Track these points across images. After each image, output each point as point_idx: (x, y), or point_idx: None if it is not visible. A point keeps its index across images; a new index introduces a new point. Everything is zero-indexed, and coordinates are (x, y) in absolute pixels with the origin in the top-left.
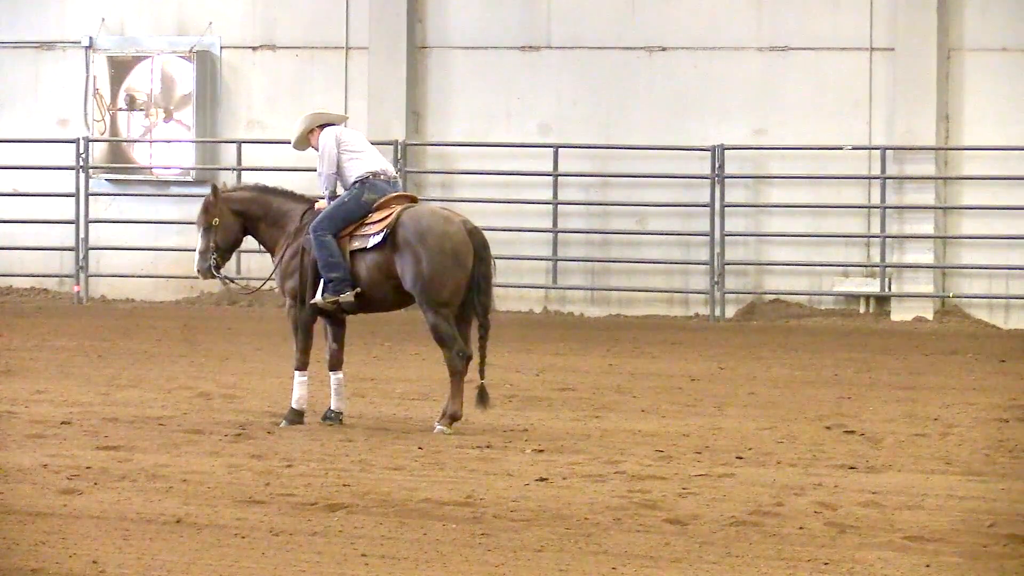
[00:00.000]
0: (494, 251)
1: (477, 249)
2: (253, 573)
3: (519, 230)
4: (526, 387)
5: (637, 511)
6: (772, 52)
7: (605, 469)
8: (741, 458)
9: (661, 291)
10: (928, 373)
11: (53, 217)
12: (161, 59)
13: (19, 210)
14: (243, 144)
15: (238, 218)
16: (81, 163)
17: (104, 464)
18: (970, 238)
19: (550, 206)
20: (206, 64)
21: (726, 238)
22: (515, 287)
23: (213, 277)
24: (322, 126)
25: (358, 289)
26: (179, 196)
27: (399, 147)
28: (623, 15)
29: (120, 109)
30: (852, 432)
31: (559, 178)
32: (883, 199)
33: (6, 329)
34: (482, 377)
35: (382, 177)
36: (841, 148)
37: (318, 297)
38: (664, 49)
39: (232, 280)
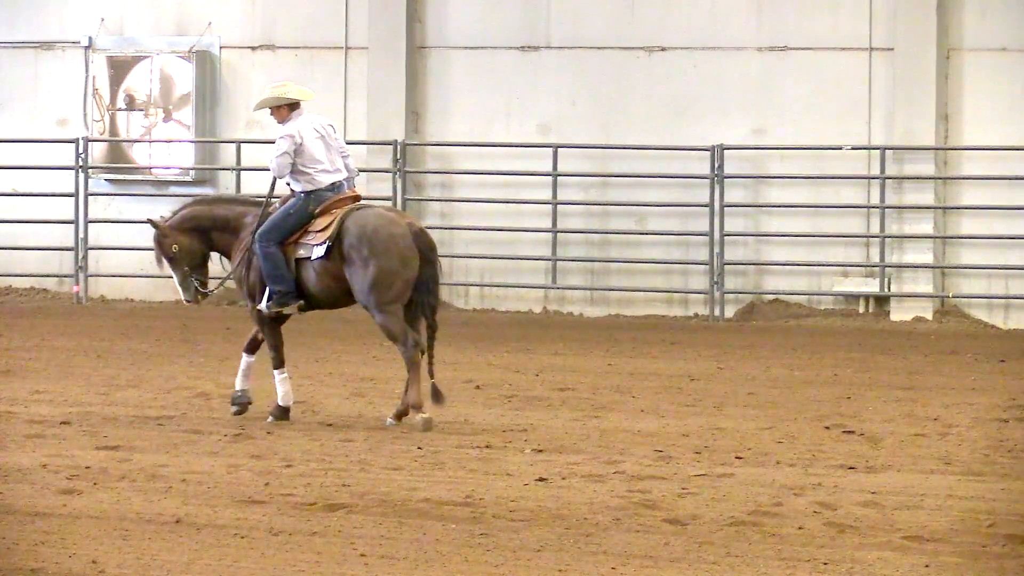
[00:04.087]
0: (495, 250)
1: (423, 251)
2: (252, 573)
3: (518, 230)
4: (525, 387)
5: (636, 511)
6: (771, 52)
7: (604, 469)
8: (740, 458)
9: (660, 291)
10: (927, 373)
11: (52, 217)
12: (160, 59)
13: (18, 210)
14: (242, 144)
15: (192, 235)
16: (80, 163)
17: (103, 464)
18: (969, 238)
19: (549, 206)
20: (205, 64)
21: (725, 238)
22: (514, 287)
23: (204, 296)
24: (291, 105)
25: (301, 302)
26: (178, 196)
27: (398, 147)
28: (622, 15)
29: (119, 109)
30: (851, 432)
31: (558, 178)
32: (882, 199)
33: (6, 329)
34: (432, 376)
35: (329, 188)
36: (840, 148)
37: (263, 305)
38: (663, 49)
39: (215, 289)
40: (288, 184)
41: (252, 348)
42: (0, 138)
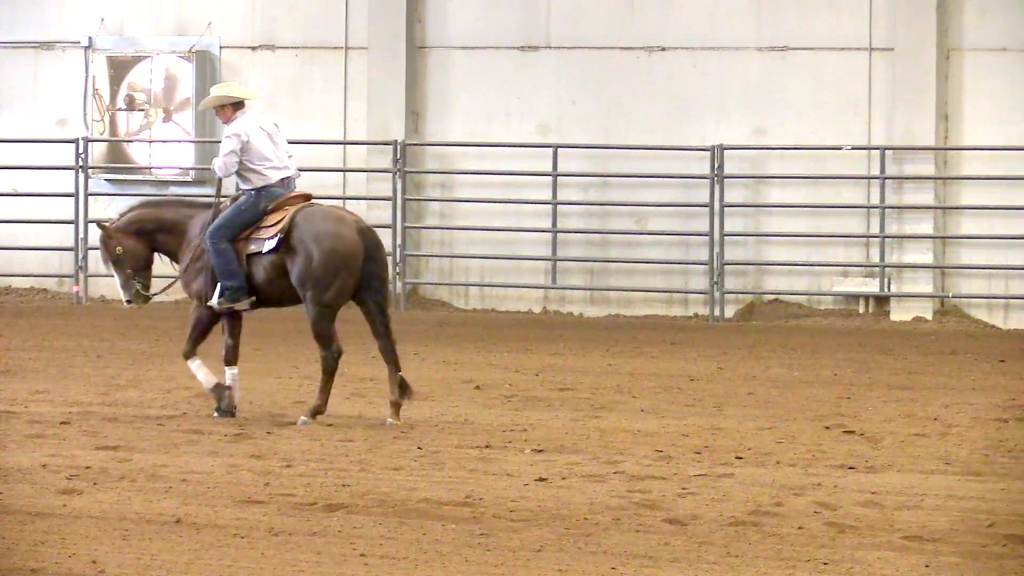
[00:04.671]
0: (494, 251)
1: (369, 249)
2: (252, 573)
3: (518, 230)
4: (525, 387)
5: (636, 511)
6: (771, 52)
7: (604, 469)
8: (740, 458)
9: (660, 291)
10: (927, 373)
11: (52, 217)
12: (160, 59)
13: (18, 210)
14: None
15: (138, 239)
16: (80, 163)
17: (103, 464)
18: (969, 238)
19: (549, 206)
20: (205, 64)
21: (725, 238)
22: (514, 287)
23: (146, 300)
24: (236, 104)
25: (253, 298)
26: (179, 196)
27: (398, 147)
28: (622, 15)
29: (119, 109)
30: (851, 432)
31: (558, 178)
32: (882, 199)
33: (6, 329)
34: (398, 370)
35: (279, 184)
36: (840, 148)
37: (214, 301)
38: (663, 49)
39: (160, 292)
40: (237, 184)
41: (231, 359)
42: (0, 138)
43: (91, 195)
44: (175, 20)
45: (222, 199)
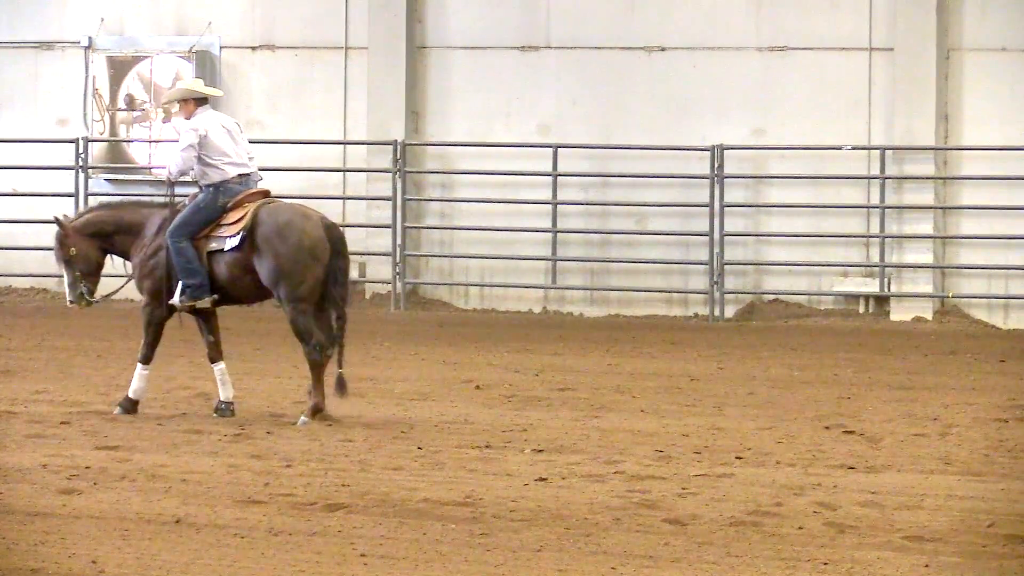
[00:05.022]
0: (494, 250)
1: (334, 244)
2: (252, 573)
3: (518, 230)
4: (525, 387)
5: (636, 511)
6: (771, 52)
7: (604, 469)
8: (740, 458)
9: (660, 291)
10: (927, 373)
11: (52, 217)
12: (160, 59)
13: (18, 210)
14: None
15: (93, 240)
16: (80, 163)
17: (103, 464)
18: (969, 238)
19: (549, 206)
20: (205, 64)
21: (725, 238)
22: (514, 287)
23: (89, 304)
24: (198, 101)
25: (215, 296)
26: (178, 196)
27: (398, 147)
28: (622, 15)
29: (119, 109)
30: (851, 432)
31: (558, 178)
32: (882, 199)
33: (6, 329)
34: (340, 367)
35: (237, 180)
36: (840, 148)
37: (176, 299)
38: (663, 49)
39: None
40: (196, 181)
41: (215, 356)
42: (0, 138)
43: (91, 195)
44: (175, 20)
45: (180, 197)
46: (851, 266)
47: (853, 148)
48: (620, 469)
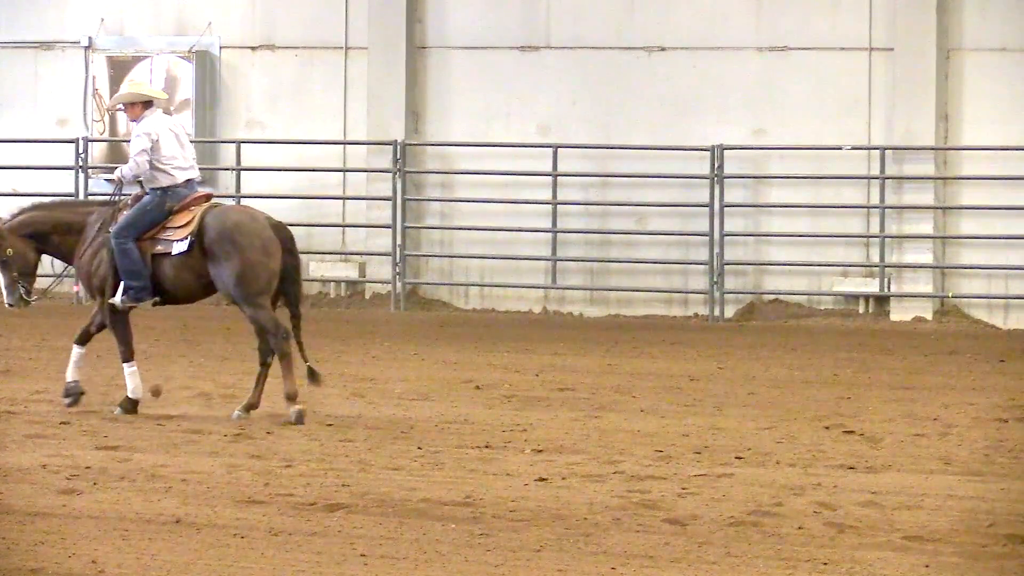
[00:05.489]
0: (494, 250)
1: (284, 242)
2: (252, 573)
3: (518, 230)
4: (525, 387)
5: (636, 511)
6: (771, 52)
7: (604, 469)
8: (740, 458)
9: (660, 291)
10: (927, 373)
11: None
12: (160, 59)
13: None
14: (242, 144)
15: (29, 241)
16: (80, 163)
17: (103, 464)
18: (969, 238)
19: (549, 206)
20: (205, 64)
21: (725, 238)
22: (514, 287)
23: (27, 304)
24: (145, 104)
25: (157, 299)
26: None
27: (398, 147)
28: (622, 15)
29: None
30: (851, 432)
31: (558, 178)
32: (882, 199)
33: (6, 329)
34: (306, 360)
35: (184, 184)
36: (840, 148)
37: (117, 299)
38: (663, 49)
39: (44, 295)
40: (140, 182)
41: (83, 339)
42: (0, 138)
43: (91, 195)
44: (175, 20)
45: (122, 196)
46: (851, 266)
47: (853, 148)
48: (620, 469)
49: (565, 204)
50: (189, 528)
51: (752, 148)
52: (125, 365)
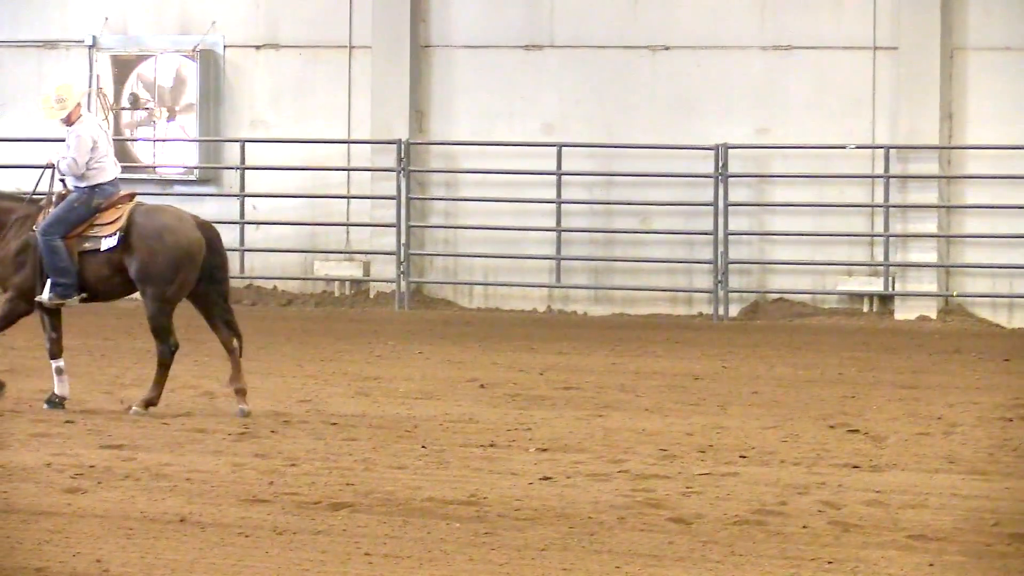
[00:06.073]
0: (499, 249)
1: (210, 240)
2: (257, 572)
3: (523, 229)
4: (530, 386)
5: (641, 510)
6: (775, 51)
7: (609, 468)
8: (745, 457)
9: (665, 290)
10: (932, 372)
11: None
12: (164, 58)
13: None
14: (246, 143)
15: None
16: None
17: (108, 463)
18: (973, 237)
19: (553, 205)
20: (209, 63)
21: (730, 237)
22: (519, 286)
23: None
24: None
25: (84, 294)
26: (183, 195)
27: (402, 146)
28: (626, 14)
29: (123, 108)
30: (856, 431)
31: (562, 177)
32: (886, 198)
33: (10, 329)
34: (240, 355)
35: (111, 182)
36: (844, 147)
37: (44, 297)
38: (667, 48)
39: None
40: (63, 180)
41: (57, 352)
42: (4, 137)
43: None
44: (179, 19)
45: (40, 195)
46: (855, 265)
47: (857, 147)
48: (624, 468)
49: (569, 203)
50: (194, 527)
51: (756, 147)
52: (52, 362)
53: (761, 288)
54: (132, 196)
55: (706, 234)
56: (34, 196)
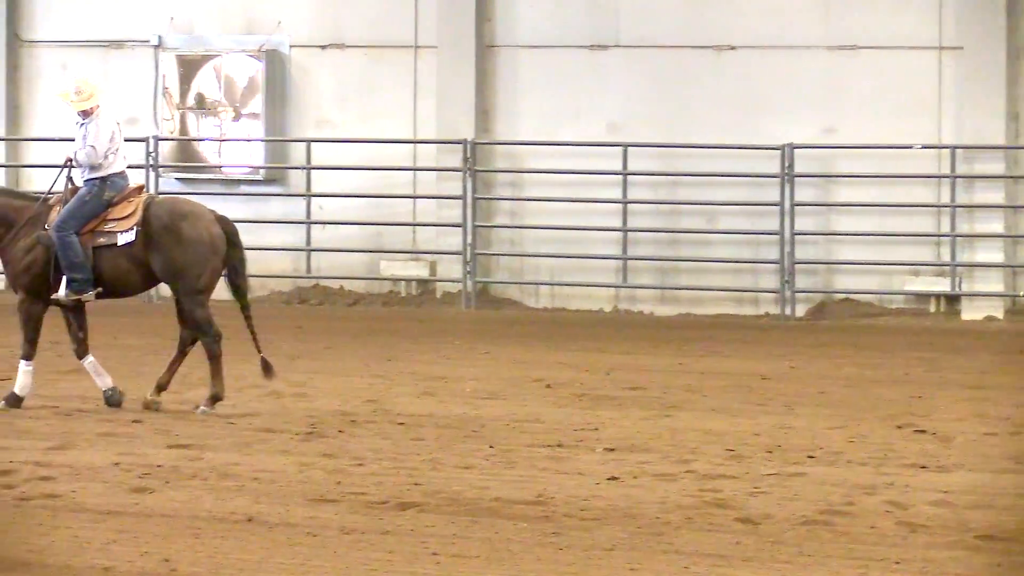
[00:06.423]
0: (564, 249)
1: (230, 236)
2: (324, 572)
3: (588, 229)
4: (596, 386)
5: (708, 510)
6: (840, 51)
7: (676, 468)
8: (812, 457)
9: (731, 290)
10: (998, 372)
11: None
12: (230, 58)
13: None
14: (312, 143)
15: None
16: (151, 162)
17: (175, 462)
18: None
19: (619, 205)
20: (275, 63)
21: (796, 237)
22: (584, 286)
23: None
24: None
25: (100, 289)
26: (248, 195)
27: (468, 146)
28: (691, 14)
29: (189, 108)
30: (923, 431)
31: (628, 177)
32: (952, 198)
33: None
34: (259, 351)
35: (121, 175)
36: (911, 147)
37: (61, 294)
38: (732, 48)
39: None
40: (71, 177)
41: (83, 352)
42: (70, 137)
43: (162, 194)
44: (244, 19)
45: (52, 194)
46: (921, 265)
47: (924, 147)
48: (691, 468)
49: (635, 203)
50: (261, 526)
51: (822, 147)
52: (23, 362)
53: (827, 288)
54: (141, 188)
55: (773, 234)
56: (47, 195)
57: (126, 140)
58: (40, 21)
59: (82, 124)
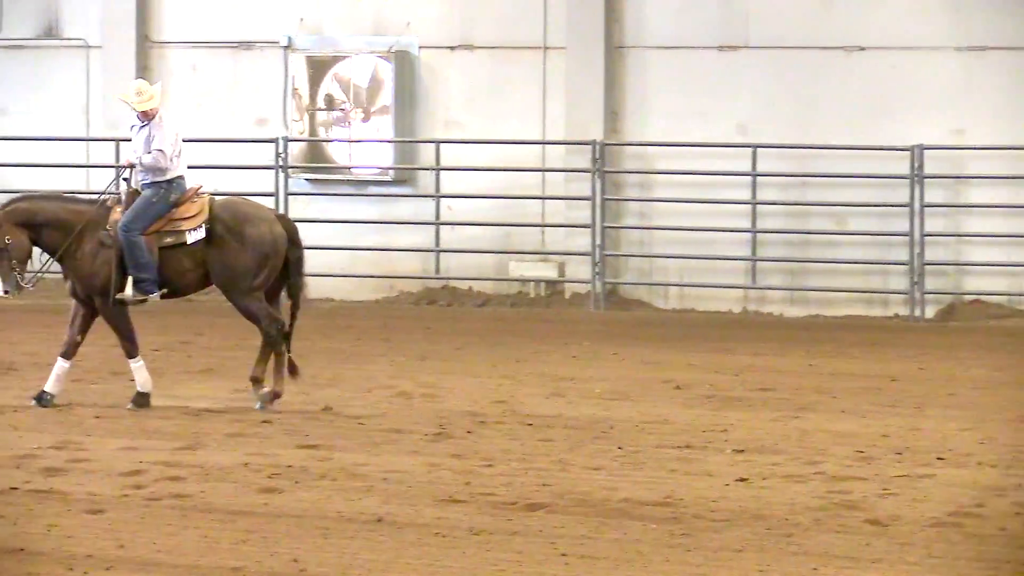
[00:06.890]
0: (693, 250)
1: (291, 235)
2: (453, 572)
3: (717, 230)
4: (725, 387)
5: (837, 512)
6: (969, 52)
7: (805, 470)
8: (941, 459)
9: (860, 291)
10: None
11: None
12: (359, 59)
13: None
14: (441, 144)
15: (24, 231)
16: (280, 163)
17: (304, 463)
18: None
19: (748, 206)
20: (404, 64)
21: (925, 238)
22: (713, 287)
23: (21, 290)
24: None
25: (165, 290)
26: (378, 196)
27: (597, 147)
28: (820, 15)
29: (318, 109)
30: None
31: (756, 178)
32: None
33: (208, 329)
34: (288, 351)
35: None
36: None
37: (127, 293)
38: (862, 49)
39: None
40: (127, 179)
41: (71, 353)
42: (199, 138)
43: (291, 194)
44: (373, 20)
45: (109, 195)
46: None
47: None
48: (821, 470)
49: (764, 204)
50: (390, 527)
51: (952, 148)
52: (131, 361)
53: (957, 290)
54: (199, 190)
55: (902, 235)
56: (104, 197)
57: (255, 141)
58: (169, 22)
59: (140, 127)
